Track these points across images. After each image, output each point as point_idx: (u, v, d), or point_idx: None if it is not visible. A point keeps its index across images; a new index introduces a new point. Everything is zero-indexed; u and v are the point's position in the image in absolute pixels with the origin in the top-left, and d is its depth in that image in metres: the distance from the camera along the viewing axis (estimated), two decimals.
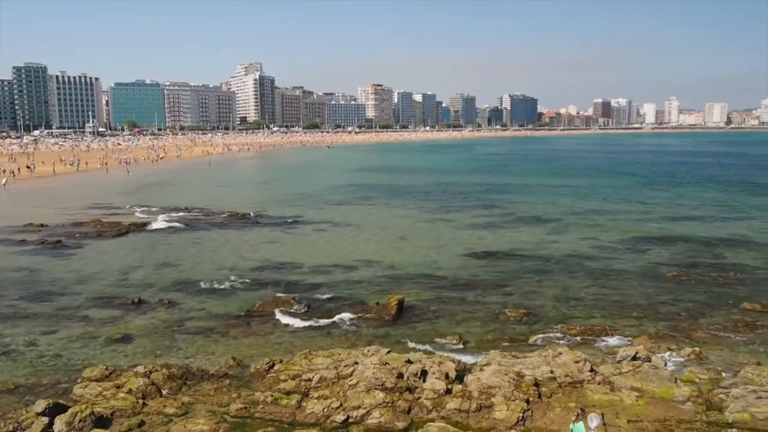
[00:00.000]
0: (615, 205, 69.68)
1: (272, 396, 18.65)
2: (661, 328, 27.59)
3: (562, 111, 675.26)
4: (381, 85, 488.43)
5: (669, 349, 24.19)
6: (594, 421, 14.99)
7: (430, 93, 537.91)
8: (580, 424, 14.98)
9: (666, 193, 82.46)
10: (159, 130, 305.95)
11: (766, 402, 17.72)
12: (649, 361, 21.27)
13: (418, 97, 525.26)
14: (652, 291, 33.55)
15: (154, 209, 64.81)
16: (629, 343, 24.94)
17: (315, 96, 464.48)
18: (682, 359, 23.18)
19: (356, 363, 20.07)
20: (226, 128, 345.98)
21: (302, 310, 29.92)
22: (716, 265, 39.05)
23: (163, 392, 19.77)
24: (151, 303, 31.71)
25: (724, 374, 21.06)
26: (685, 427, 16.84)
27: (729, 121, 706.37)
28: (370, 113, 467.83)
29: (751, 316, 29.03)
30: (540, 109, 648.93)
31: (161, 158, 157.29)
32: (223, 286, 34.99)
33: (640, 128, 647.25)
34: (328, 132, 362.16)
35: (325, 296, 32.82)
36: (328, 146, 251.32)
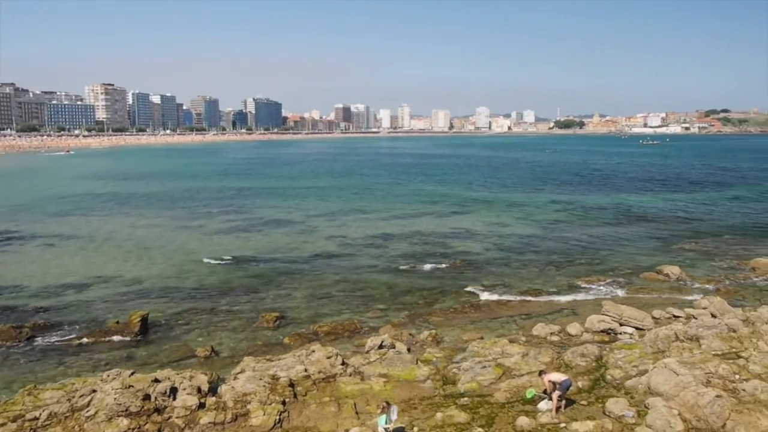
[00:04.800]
0: (348, 204, 73.73)
1: None
2: (402, 316, 30.01)
3: (306, 115, 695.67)
4: (112, 85, 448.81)
5: (410, 335, 26.40)
6: (394, 413, 15.71)
7: (169, 94, 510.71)
8: (384, 416, 15.45)
9: (403, 190, 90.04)
10: None
11: (488, 370, 20.35)
12: (394, 348, 22.94)
13: (156, 99, 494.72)
14: (393, 283, 36.30)
15: None
16: (376, 333, 26.61)
17: (31, 94, 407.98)
18: (421, 342, 25.46)
19: (94, 391, 18.06)
20: None
21: (24, 340, 26.02)
22: (445, 255, 43.80)
23: None
24: None
25: (456, 351, 23.63)
26: (427, 403, 18.48)
27: (451, 126, 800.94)
28: (101, 115, 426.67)
29: (475, 297, 33.18)
30: (284, 113, 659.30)
31: None
32: None
33: (378, 132, 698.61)
34: (50, 135, 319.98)
35: (55, 320, 29.02)
36: (68, 151, 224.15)
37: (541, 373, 18.05)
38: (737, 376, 18.07)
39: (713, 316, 26.31)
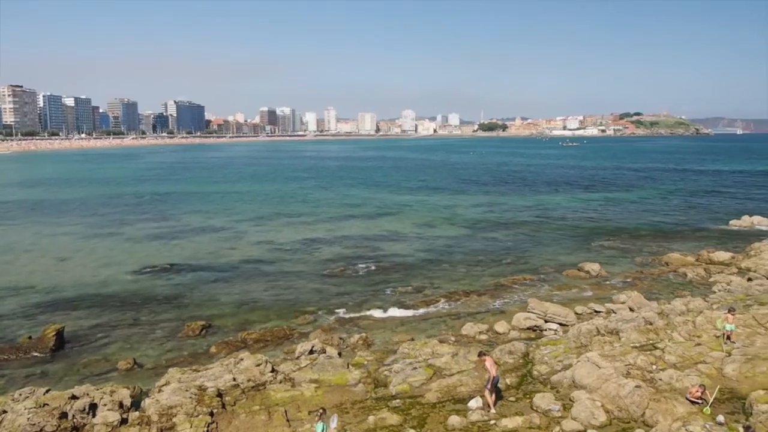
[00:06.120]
0: (275, 209, 72.58)
1: None
2: (332, 320, 29.78)
3: (230, 118, 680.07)
4: (21, 87, 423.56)
5: (341, 339, 26.20)
6: (334, 421, 15.37)
7: (84, 97, 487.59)
8: (321, 423, 15.00)
9: (329, 194, 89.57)
10: None
11: (419, 371, 20.46)
12: (325, 353, 22.72)
13: (69, 101, 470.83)
14: (323, 287, 35.99)
15: None
16: (306, 339, 26.28)
17: None
18: (352, 346, 25.34)
19: (5, 411, 16.88)
20: None
21: None
22: (373, 258, 43.85)
23: None
24: None
25: (386, 353, 23.64)
26: (359, 407, 18.36)
27: (378, 129, 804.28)
28: (9, 118, 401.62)
29: (405, 298, 33.36)
30: (207, 116, 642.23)
31: None
32: None
33: (304, 135, 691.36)
34: None
35: None
36: None
37: (481, 353, 18.33)
38: (654, 367, 18.97)
39: (631, 309, 27.60)
